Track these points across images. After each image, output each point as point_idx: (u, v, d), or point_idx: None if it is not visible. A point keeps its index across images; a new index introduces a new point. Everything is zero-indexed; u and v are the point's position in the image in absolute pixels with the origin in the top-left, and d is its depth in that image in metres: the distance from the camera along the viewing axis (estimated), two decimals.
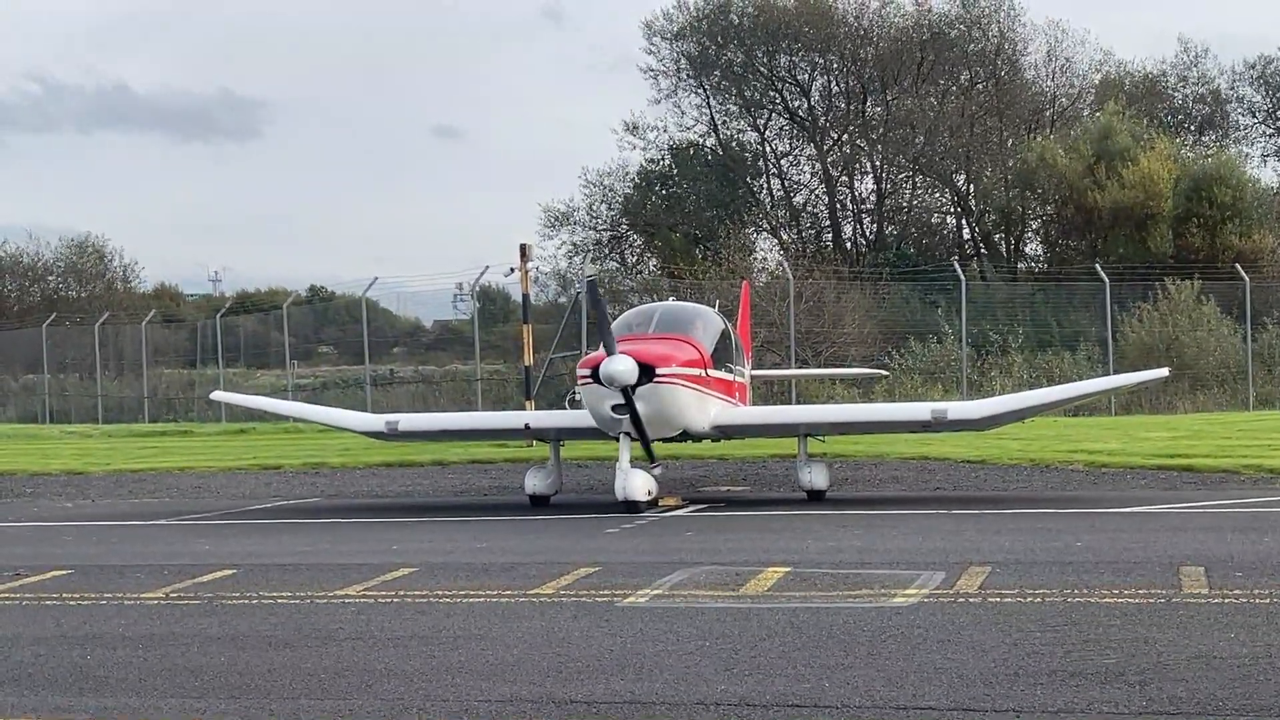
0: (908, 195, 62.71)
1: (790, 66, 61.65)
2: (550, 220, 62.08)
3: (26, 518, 20.23)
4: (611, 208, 62.96)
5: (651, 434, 18.24)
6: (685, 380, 18.51)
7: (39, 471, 27.91)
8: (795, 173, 63.71)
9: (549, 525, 17.60)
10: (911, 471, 22.78)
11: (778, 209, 62.93)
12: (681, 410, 18.56)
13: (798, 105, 62.22)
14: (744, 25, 60.83)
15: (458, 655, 9.46)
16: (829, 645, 9.38)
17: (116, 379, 49.66)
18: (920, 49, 59.79)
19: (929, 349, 40.23)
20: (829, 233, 62.18)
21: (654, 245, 61.86)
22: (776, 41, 60.38)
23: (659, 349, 18.52)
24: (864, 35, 60.54)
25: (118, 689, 8.83)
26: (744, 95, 61.77)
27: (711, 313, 20.98)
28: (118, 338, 52.07)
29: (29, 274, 73.67)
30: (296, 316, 49.90)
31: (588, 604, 11.31)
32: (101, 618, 11.38)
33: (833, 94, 62.36)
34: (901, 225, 62.10)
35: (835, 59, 60.94)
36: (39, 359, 52.05)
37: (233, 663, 9.43)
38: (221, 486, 24.45)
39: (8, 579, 13.56)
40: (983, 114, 59.81)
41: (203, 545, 16.31)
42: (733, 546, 14.78)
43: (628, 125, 62.08)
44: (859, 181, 62.55)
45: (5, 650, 10.08)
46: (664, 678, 8.62)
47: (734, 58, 61.32)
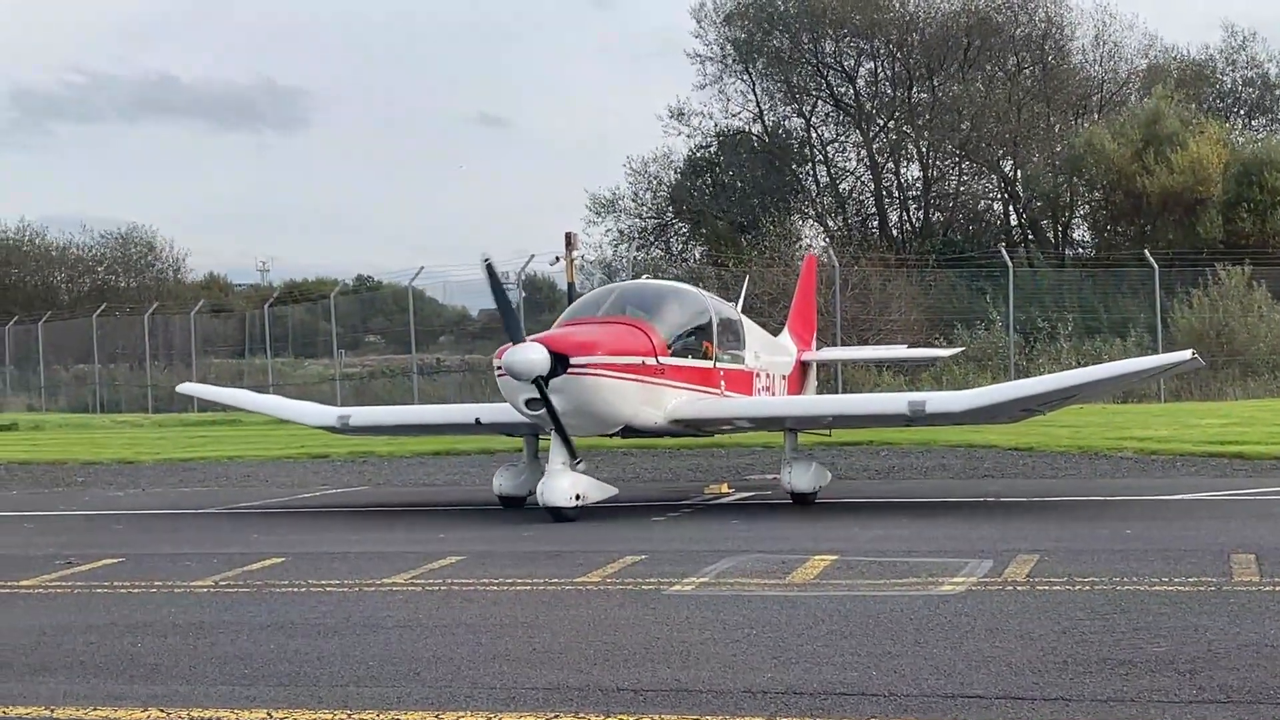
0: (954, 182, 62.40)
1: (837, 53, 61.45)
2: (596, 208, 62.19)
3: (78, 506, 20.41)
4: (657, 195, 62.97)
5: (575, 430, 16.61)
6: (616, 370, 16.49)
7: (90, 461, 28.15)
8: (841, 159, 63.55)
9: (595, 514, 17.61)
10: (958, 459, 22.68)
11: (823, 196, 62.76)
12: (611, 403, 16.59)
13: (844, 92, 62.01)
14: (790, 11, 60.67)
15: (504, 643, 9.48)
16: (876, 633, 9.35)
17: (166, 369, 50.05)
18: (967, 34, 59.47)
19: (976, 336, 40.03)
20: (875, 220, 61.97)
21: (699, 233, 61.82)
22: (823, 28, 60.20)
23: (581, 336, 16.71)
24: (910, 21, 60.26)
25: (169, 676, 8.90)
26: (790, 82, 61.61)
27: (693, 294, 19.15)
28: (167, 328, 52.49)
29: (79, 265, 74.41)
30: (343, 306, 50.17)
31: (634, 592, 11.32)
32: (152, 606, 11.47)
33: (879, 80, 62.12)
34: (948, 212, 61.81)
35: (881, 45, 60.70)
36: (90, 349, 52.55)
37: (282, 650, 9.49)
38: (270, 475, 24.59)
39: (60, 567, 13.69)
40: (1029, 99, 59.45)
41: (252, 534, 16.42)
42: (779, 534, 14.76)
43: (673, 112, 62.08)
44: (905, 168, 62.36)
45: (58, 638, 10.18)
46: (711, 666, 8.61)
47: (780, 44, 61.17)
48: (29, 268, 73.01)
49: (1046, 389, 16.84)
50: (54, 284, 72.75)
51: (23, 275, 72.44)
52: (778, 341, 22.40)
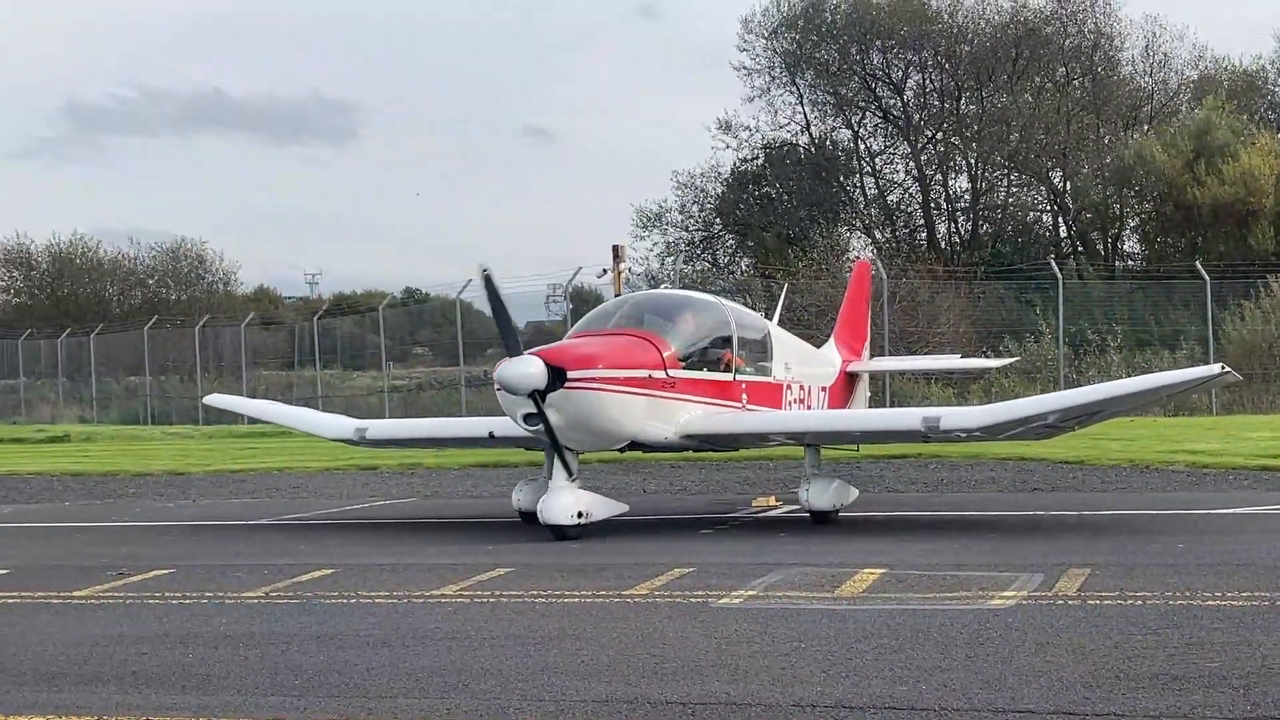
0: (1003, 193, 62.12)
1: (885, 64, 61.35)
2: (642, 221, 62.23)
3: (129, 517, 20.56)
4: (704, 208, 62.96)
5: (577, 446, 16.23)
6: (618, 384, 15.92)
7: (141, 472, 28.35)
8: (889, 171, 63.40)
9: (642, 527, 17.60)
10: (1008, 472, 22.56)
11: (871, 208, 62.62)
12: (614, 418, 16.01)
13: (892, 103, 61.88)
14: (838, 23, 60.63)
15: (553, 655, 9.49)
16: (926, 647, 9.31)
17: (216, 381, 50.36)
18: (1015, 45, 59.26)
19: (1025, 348, 39.82)
20: (923, 231, 61.77)
21: (746, 245, 61.78)
22: (871, 39, 60.13)
23: (581, 349, 16.19)
24: (959, 32, 60.10)
25: (219, 687, 8.95)
26: (838, 93, 61.54)
27: (711, 304, 18.50)
28: (217, 340, 52.85)
29: (130, 277, 75.04)
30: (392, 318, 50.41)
31: (682, 605, 11.31)
32: (203, 616, 11.54)
33: (927, 91, 61.96)
34: (996, 223, 61.53)
35: (929, 56, 60.56)
36: (141, 361, 52.96)
37: (332, 661, 9.53)
38: (319, 487, 24.71)
39: (111, 578, 13.79)
40: (1079, 110, 59.16)
41: (301, 545, 16.49)
42: (828, 547, 14.71)
43: (721, 124, 62.08)
44: (953, 179, 62.15)
45: (109, 648, 10.25)
46: (760, 679, 8.59)
47: (828, 56, 61.13)
48: (81, 280, 73.66)
49: (1066, 404, 16.07)
50: (106, 296, 73.34)
51: (75, 288, 73.09)
52: (816, 352, 21.78)
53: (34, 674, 9.48)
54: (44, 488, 25.98)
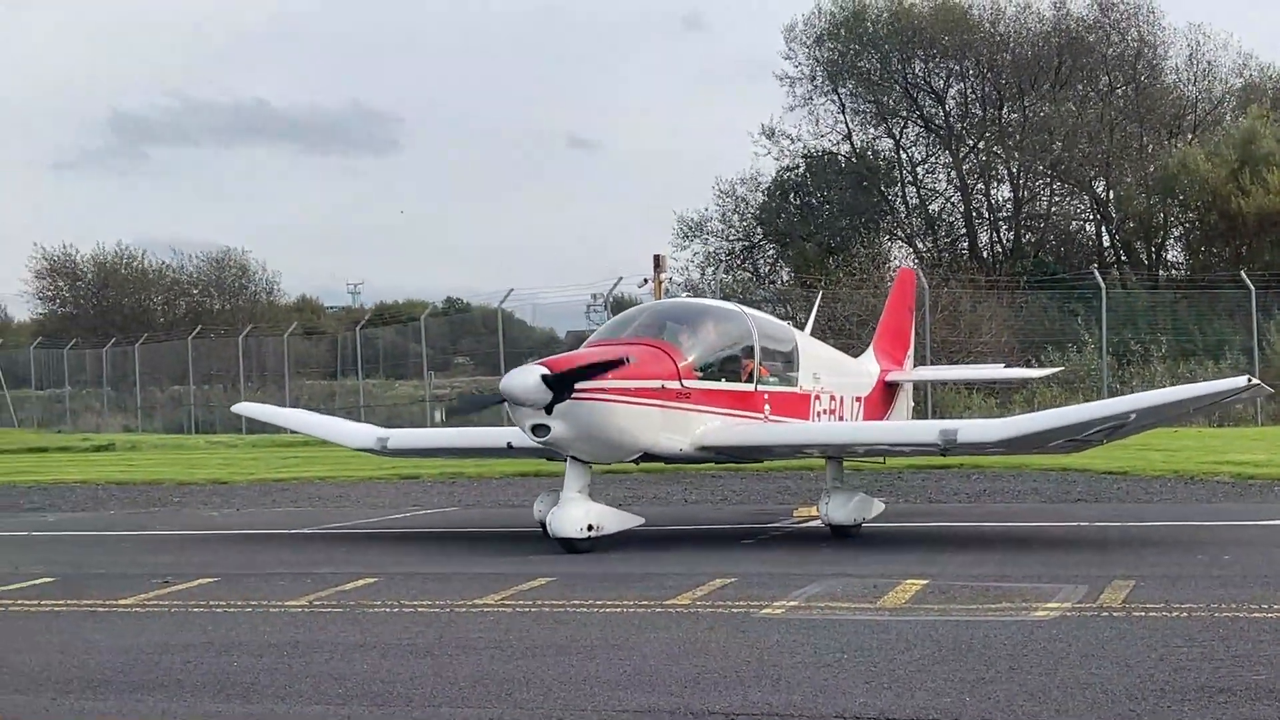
0: (1045, 202, 61.87)
1: (926, 73, 61.25)
2: (683, 230, 62.25)
3: (174, 526, 20.69)
4: (744, 217, 62.95)
5: (585, 457, 15.89)
6: (627, 394, 15.56)
7: (185, 481, 28.52)
8: (931, 180, 63.26)
9: (683, 537, 17.61)
10: (1052, 483, 22.44)
11: (913, 217, 62.48)
12: (624, 429, 15.63)
13: (933, 112, 61.76)
14: (880, 33, 60.56)
15: (595, 665, 9.50)
16: (969, 659, 9.28)
17: (259, 390, 50.60)
18: (1058, 54, 59.06)
19: (1068, 358, 39.63)
20: (965, 241, 61.59)
21: (787, 255, 61.72)
22: (912, 48, 60.05)
23: (589, 359, 15.79)
24: (1001, 41, 59.94)
25: (264, 695, 9.00)
26: (880, 102, 61.46)
27: (732, 313, 17.99)
28: (260, 350, 53.12)
29: (174, 287, 75.56)
30: (433, 328, 50.58)
31: (724, 615, 11.30)
32: (247, 625, 11.60)
33: (969, 100, 61.81)
34: (1039, 233, 61.28)
35: (971, 65, 60.42)
36: (185, 371, 53.32)
37: (375, 670, 9.56)
38: (362, 496, 24.80)
39: (156, 586, 13.88)
40: (1122, 119, 58.86)
41: (344, 554, 16.55)
42: (870, 558, 14.68)
43: (764, 130, 62.06)
44: (995, 189, 61.94)
45: (155, 656, 10.32)
46: (802, 689, 8.58)
47: (870, 65, 61.06)
48: (126, 290, 74.17)
49: (1085, 418, 15.41)
50: (150, 306, 73.85)
51: (120, 298, 73.60)
52: (850, 362, 21.28)
53: (80, 682, 9.56)
54: (89, 496, 26.16)
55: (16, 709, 8.88)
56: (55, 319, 74.09)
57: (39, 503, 25.01)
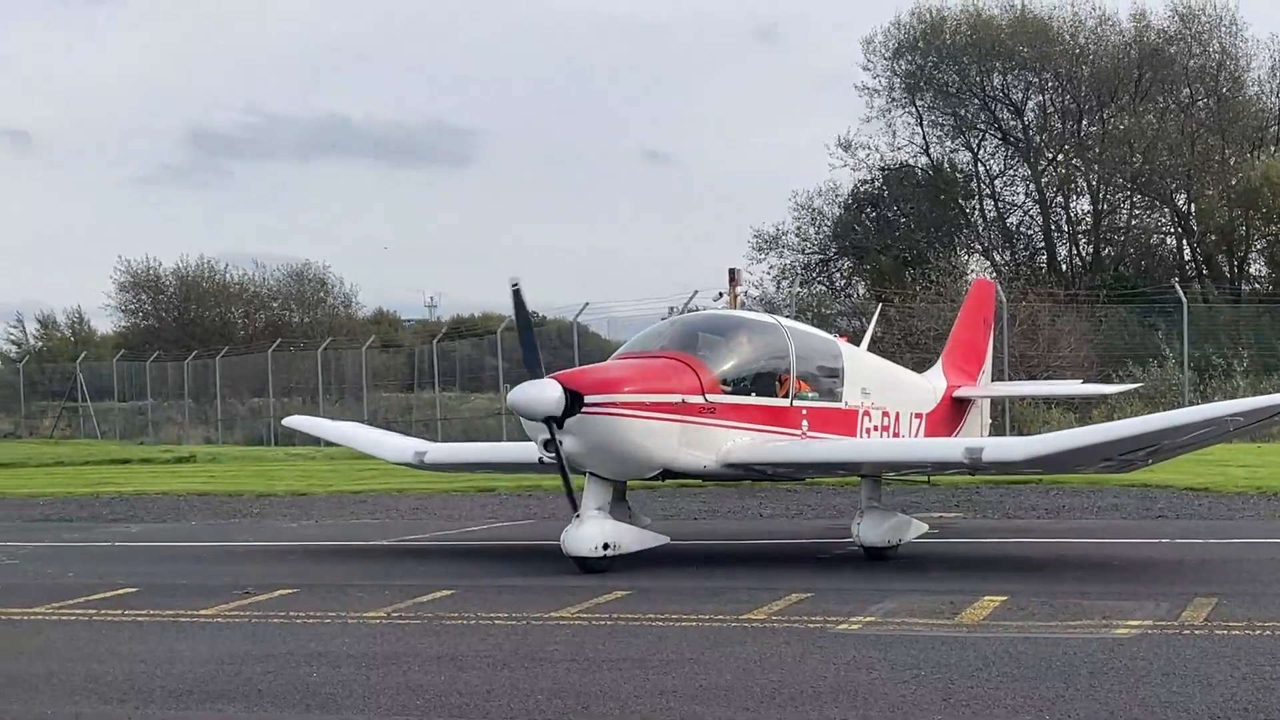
0: (1125, 215, 61.31)
1: (1004, 85, 60.89)
2: (759, 244, 62.18)
3: (254, 537, 20.89)
4: (820, 230, 62.81)
5: (602, 474, 15.51)
6: (643, 409, 15.07)
7: (265, 492, 28.80)
8: (1009, 193, 62.85)
9: (758, 550, 17.58)
10: (1132, 499, 22.21)
11: (990, 230, 62.10)
12: (640, 445, 15.17)
13: (1012, 125, 61.37)
14: (958, 44, 60.29)
15: (671, 679, 9.51)
16: (1048, 676, 9.21)
17: (338, 402, 51.07)
18: (1138, 66, 58.54)
19: (1149, 373, 39.22)
20: (1043, 254, 61.13)
21: (863, 269, 61.51)
22: (991, 60, 59.71)
23: (603, 372, 15.54)
24: (1080, 53, 59.49)
25: (343, 706, 9.08)
26: (958, 115, 61.17)
27: (768, 325, 17.38)
28: (339, 362, 53.60)
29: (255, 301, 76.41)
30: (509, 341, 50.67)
31: (800, 630, 11.28)
32: (326, 636, 11.71)
33: (1048, 113, 61.37)
34: (1119, 246, 60.74)
35: (1050, 77, 60.00)
36: (264, 383, 53.86)
37: (453, 682, 9.62)
38: (438, 508, 24.93)
39: (237, 597, 14.02)
40: (1203, 131, 58.23)
41: (421, 566, 16.66)
42: (947, 573, 14.60)
43: (841, 142, 61.93)
44: (1074, 202, 61.45)
45: (236, 667, 10.43)
46: (879, 705, 8.55)
47: (948, 77, 60.79)
48: (207, 303, 75.05)
49: (1116, 436, 14.62)
50: (231, 319, 74.69)
51: (201, 311, 74.48)
52: (909, 377, 20.61)
53: (163, 691, 9.68)
54: (170, 507, 26.47)
55: (101, 718, 9.02)
56: (138, 332, 75.09)
57: (122, 513, 25.34)
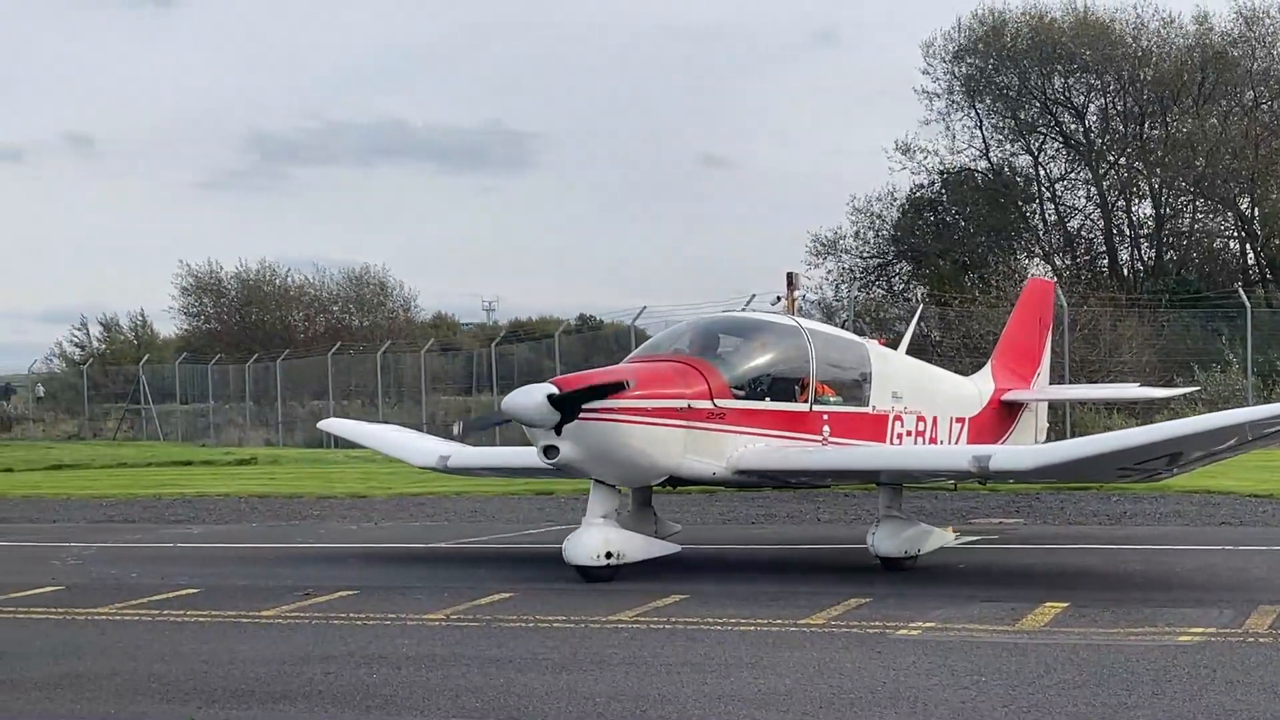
0: (1188, 219, 60.74)
1: (1066, 88, 60.45)
2: (817, 248, 61.99)
3: (314, 539, 21.02)
4: (879, 234, 62.54)
5: (606, 480, 15.19)
6: (645, 415, 14.72)
7: (325, 495, 28.95)
8: (1070, 197, 62.37)
9: (816, 555, 17.54)
10: (1194, 506, 22.00)
11: (1051, 234, 61.66)
12: (641, 451, 14.83)
13: (1073, 128, 60.93)
14: (1019, 47, 59.91)
15: (730, 683, 9.51)
16: (1111, 683, 9.14)
17: (396, 405, 51.28)
18: (1201, 69, 57.98)
19: (1212, 378, 38.81)
20: (1104, 259, 60.63)
21: (921, 273, 61.23)
22: (1052, 63, 59.30)
23: (603, 376, 15.14)
24: (1143, 56, 58.98)
25: (403, 707, 9.12)
26: (1018, 118, 60.79)
27: (786, 328, 16.86)
28: (398, 365, 53.83)
29: (315, 304, 76.89)
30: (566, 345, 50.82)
31: (859, 635, 11.25)
32: (386, 638, 11.77)
33: (1109, 116, 60.89)
34: (1181, 250, 60.17)
35: (1112, 80, 59.52)
36: (325, 386, 54.13)
37: (511, 684, 9.65)
38: (496, 511, 24.99)
39: (298, 598, 14.12)
40: (1268, 135, 57.58)
41: (480, 569, 16.71)
42: (1007, 580, 14.52)
43: (899, 145, 61.65)
44: (1137, 205, 60.91)
45: (296, 668, 10.51)
46: (940, 712, 8.51)
47: (1009, 80, 60.42)
48: (268, 307, 75.57)
49: (1130, 444, 13.87)
50: (291, 323, 75.16)
51: (262, 315, 75.02)
52: (950, 380, 20.13)
53: (224, 691, 9.76)
54: (232, 509, 26.66)
55: (164, 717, 9.10)
56: (200, 335, 75.73)
57: (184, 515, 25.55)
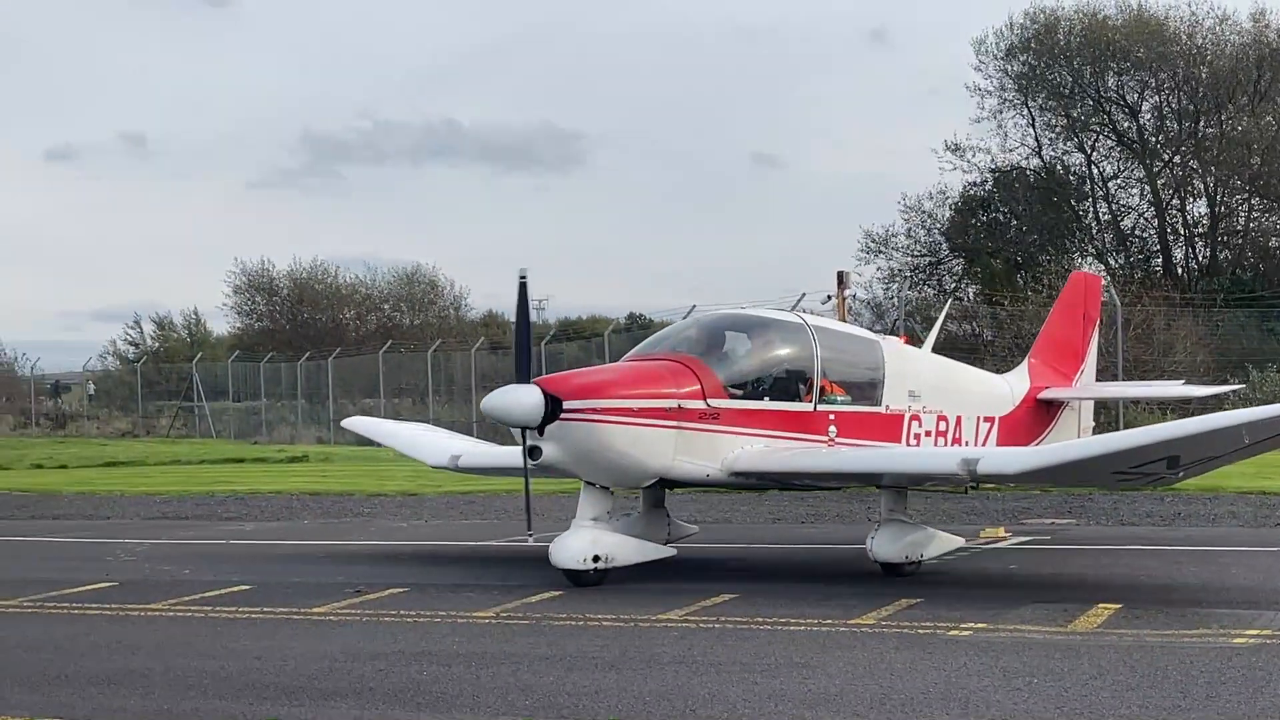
0: (1243, 218, 60.16)
1: (1119, 86, 59.99)
2: (868, 246, 61.77)
3: (366, 537, 21.11)
4: (930, 233, 62.27)
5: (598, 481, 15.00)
6: (631, 415, 14.32)
7: (376, 492, 29.07)
8: (1123, 196, 61.87)
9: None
10: (1249, 506, 21.78)
11: (1104, 233, 61.21)
12: (625, 452, 14.45)
13: (1127, 126, 60.47)
14: (1072, 45, 59.51)
15: (779, 683, 9.48)
16: (1164, 686, 9.06)
17: (447, 404, 51.46)
18: (1257, 67, 57.41)
19: (1268, 379, 38.44)
20: (1158, 258, 60.14)
21: (973, 271, 60.92)
22: (1105, 61, 58.85)
23: (586, 376, 14.90)
24: (1198, 54, 58.44)
25: (453, 705, 9.14)
26: (1070, 116, 60.38)
27: (791, 325, 16.31)
28: (448, 364, 54.00)
29: (366, 303, 77.25)
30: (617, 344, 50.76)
31: (910, 635, 11.19)
32: (436, 635, 11.81)
33: (1164, 114, 60.38)
34: (1236, 249, 59.58)
35: (1167, 78, 59.02)
36: (376, 384, 54.38)
37: (561, 683, 9.66)
38: (547, 509, 24.99)
39: (349, 596, 14.18)
40: None
41: (529, 567, 16.72)
42: (1059, 581, 14.42)
43: (949, 145, 61.33)
44: (1191, 204, 60.36)
45: (347, 665, 10.55)
46: (991, 713, 8.46)
47: (1061, 78, 60.02)
48: (320, 306, 75.98)
49: (1121, 447, 13.19)
50: (343, 321, 75.53)
51: (314, 313, 75.42)
52: (976, 378, 19.56)
53: (275, 688, 9.81)
54: (284, 506, 26.81)
55: (217, 713, 9.15)
56: (252, 333, 76.22)
57: (236, 512, 25.71)
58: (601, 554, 14.53)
